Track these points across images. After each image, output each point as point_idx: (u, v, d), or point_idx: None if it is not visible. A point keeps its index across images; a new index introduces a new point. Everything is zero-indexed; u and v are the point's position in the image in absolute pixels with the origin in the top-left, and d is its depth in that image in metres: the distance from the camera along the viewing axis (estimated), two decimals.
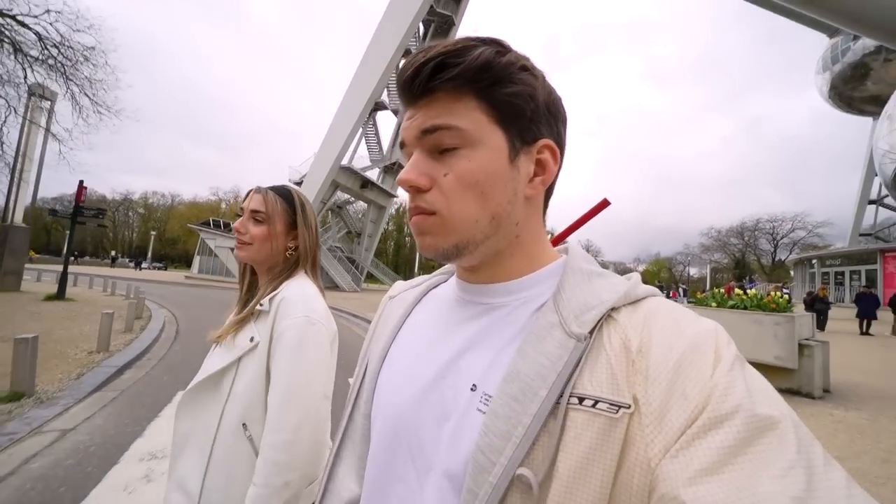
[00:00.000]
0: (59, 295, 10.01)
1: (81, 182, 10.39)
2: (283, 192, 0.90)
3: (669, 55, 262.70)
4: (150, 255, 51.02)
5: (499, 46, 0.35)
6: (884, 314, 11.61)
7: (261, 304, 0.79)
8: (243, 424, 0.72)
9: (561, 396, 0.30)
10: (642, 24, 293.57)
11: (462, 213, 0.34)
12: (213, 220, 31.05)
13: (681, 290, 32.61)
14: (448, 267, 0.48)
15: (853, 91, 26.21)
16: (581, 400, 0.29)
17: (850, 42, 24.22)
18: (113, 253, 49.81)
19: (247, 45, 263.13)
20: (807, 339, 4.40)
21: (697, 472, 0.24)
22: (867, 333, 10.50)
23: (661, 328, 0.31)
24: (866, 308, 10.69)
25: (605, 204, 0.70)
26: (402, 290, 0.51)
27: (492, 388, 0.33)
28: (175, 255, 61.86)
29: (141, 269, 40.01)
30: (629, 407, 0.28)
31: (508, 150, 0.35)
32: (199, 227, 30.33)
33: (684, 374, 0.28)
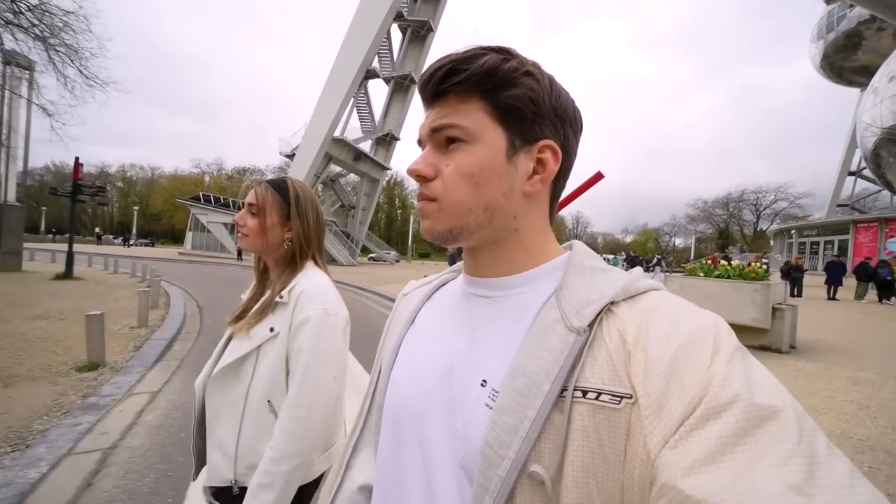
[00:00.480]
0: (67, 274, 10.12)
1: (77, 159, 10.18)
2: (279, 185, 0.94)
3: (662, 19, 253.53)
4: (134, 231, 49.80)
5: (505, 54, 0.38)
6: (850, 281, 12.65)
7: (280, 297, 0.86)
8: (268, 401, 0.83)
9: (564, 390, 0.31)
10: None
11: (457, 200, 0.37)
12: (203, 195, 30.35)
13: (656, 260, 25.39)
14: (457, 265, 0.51)
15: (844, 61, 26.32)
16: (585, 393, 0.30)
17: (847, 9, 24.03)
18: (97, 230, 48.41)
19: (220, 4, 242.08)
20: (779, 304, 5.03)
21: (695, 462, 0.25)
22: (834, 298, 11.51)
23: (660, 321, 0.32)
24: (834, 275, 11.66)
25: (598, 177, 0.71)
26: (414, 288, 0.53)
27: (499, 384, 0.34)
28: (160, 230, 60.30)
29: (129, 245, 39.26)
30: (630, 397, 0.29)
31: (507, 148, 0.37)
32: (189, 201, 29.68)
33: (682, 365, 0.28)
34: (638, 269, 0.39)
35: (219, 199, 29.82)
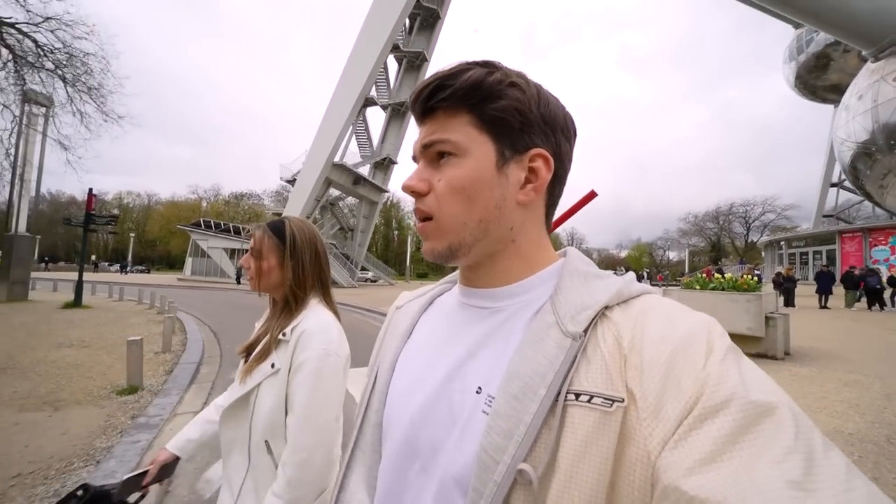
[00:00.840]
0: (77, 302, 10.21)
1: (91, 190, 10.51)
2: (276, 227, 0.95)
3: (645, 42, 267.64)
4: (130, 258, 49.58)
5: (490, 67, 0.39)
6: (840, 289, 13.07)
7: (283, 335, 0.86)
8: (266, 442, 0.82)
9: (559, 394, 0.31)
10: (618, 11, 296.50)
11: (451, 215, 0.38)
12: (204, 221, 30.67)
13: (646, 275, 27.57)
14: (452, 276, 0.51)
15: (816, 80, 27.82)
16: (578, 396, 0.31)
17: (814, 33, 25.71)
18: (93, 257, 48.16)
19: (212, 30, 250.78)
20: (772, 313, 5.38)
21: (696, 462, 0.25)
22: (825, 307, 11.90)
23: (654, 324, 0.32)
24: (824, 285, 12.12)
25: (592, 195, 0.73)
26: (408, 301, 0.53)
27: (495, 390, 0.34)
28: (155, 256, 59.94)
29: (127, 272, 39.04)
30: (622, 401, 0.29)
31: (496, 159, 0.38)
32: (189, 227, 29.94)
33: (678, 366, 0.29)
34: (630, 274, 0.40)
35: (219, 224, 30.11)
